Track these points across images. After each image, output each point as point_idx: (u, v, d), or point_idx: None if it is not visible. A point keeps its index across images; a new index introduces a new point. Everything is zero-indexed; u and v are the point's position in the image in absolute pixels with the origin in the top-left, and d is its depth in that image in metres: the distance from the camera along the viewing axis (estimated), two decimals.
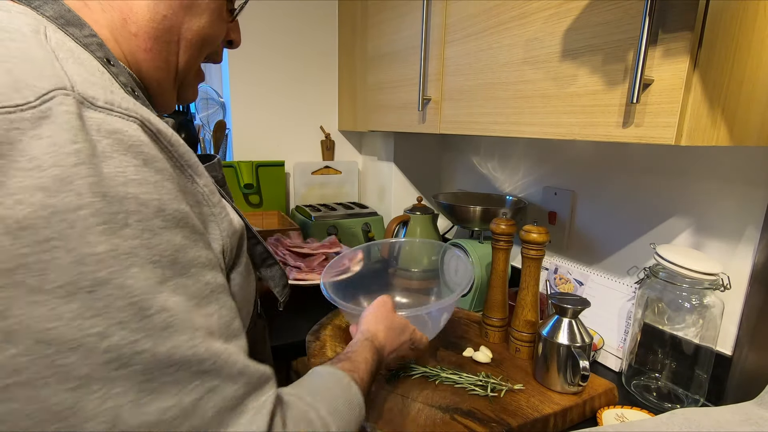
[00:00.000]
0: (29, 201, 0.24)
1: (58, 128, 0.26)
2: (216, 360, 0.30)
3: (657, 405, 0.72)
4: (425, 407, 0.65)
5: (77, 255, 0.25)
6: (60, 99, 0.27)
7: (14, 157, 0.25)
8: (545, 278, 0.99)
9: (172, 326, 0.28)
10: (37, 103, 0.26)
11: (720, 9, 0.47)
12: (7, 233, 0.24)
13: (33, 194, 0.25)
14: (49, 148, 0.26)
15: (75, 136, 0.26)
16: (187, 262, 0.31)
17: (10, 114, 0.25)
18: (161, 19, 0.41)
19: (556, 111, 0.64)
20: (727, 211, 0.73)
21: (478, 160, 1.30)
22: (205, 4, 0.44)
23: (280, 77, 1.42)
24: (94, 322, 0.25)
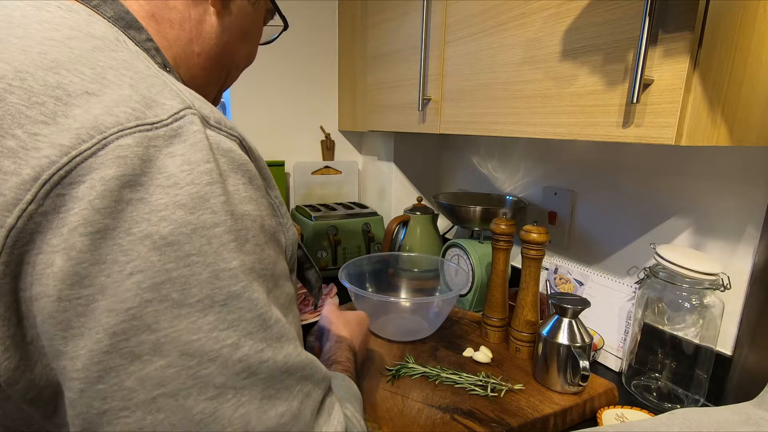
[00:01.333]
0: (172, 218, 0.26)
1: (190, 147, 0.27)
2: (310, 366, 0.32)
3: (657, 405, 0.72)
4: (425, 407, 0.65)
5: (214, 270, 0.27)
6: (190, 118, 0.28)
7: (154, 175, 0.26)
8: (545, 278, 0.99)
9: (284, 336, 0.30)
10: (170, 122, 0.27)
11: (720, 9, 0.47)
12: (155, 249, 0.25)
13: (174, 211, 0.26)
14: (184, 166, 0.27)
15: (207, 155, 0.28)
16: (278, 275, 0.32)
17: (148, 132, 0.26)
18: (223, 45, 0.45)
19: (556, 111, 0.64)
20: (727, 211, 0.73)
21: (478, 160, 1.30)
22: (254, 34, 0.49)
23: (280, 77, 1.42)
24: (228, 333, 0.27)
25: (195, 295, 0.26)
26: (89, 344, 0.24)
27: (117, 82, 0.28)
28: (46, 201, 0.24)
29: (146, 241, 0.25)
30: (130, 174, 0.25)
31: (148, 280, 0.25)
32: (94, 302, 0.24)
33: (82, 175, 0.24)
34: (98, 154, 0.25)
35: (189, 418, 0.26)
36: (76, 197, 0.24)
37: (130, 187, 0.25)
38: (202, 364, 0.26)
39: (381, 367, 0.75)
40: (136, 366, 0.25)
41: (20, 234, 0.24)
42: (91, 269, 0.24)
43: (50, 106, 0.26)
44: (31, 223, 0.24)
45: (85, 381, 0.25)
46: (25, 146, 0.25)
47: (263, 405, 0.28)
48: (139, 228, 0.25)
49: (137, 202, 0.25)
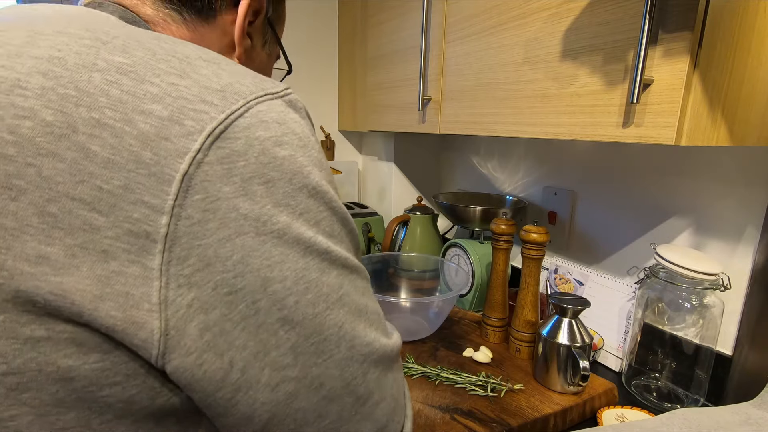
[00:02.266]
0: (314, 173, 0.30)
1: (301, 117, 0.32)
2: None
3: (657, 405, 0.72)
4: (425, 407, 0.65)
5: (342, 214, 0.33)
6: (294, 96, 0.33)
7: (290, 136, 0.29)
8: (545, 278, 0.99)
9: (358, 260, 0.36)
10: (284, 94, 0.31)
11: (720, 9, 0.47)
12: (311, 196, 0.30)
13: (313, 169, 0.30)
14: (305, 130, 0.31)
15: (311, 128, 0.33)
16: None
17: (273, 100, 0.30)
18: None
19: (556, 111, 0.64)
20: (727, 211, 0.73)
21: (478, 160, 1.30)
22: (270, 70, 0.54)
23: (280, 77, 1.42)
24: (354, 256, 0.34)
25: (337, 230, 0.32)
26: (292, 265, 0.29)
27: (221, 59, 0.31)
28: (209, 152, 0.26)
29: (304, 190, 0.29)
30: (275, 135, 0.28)
31: (312, 218, 0.30)
32: (285, 235, 0.28)
33: (237, 132, 0.27)
34: (245, 115, 0.28)
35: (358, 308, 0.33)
36: (237, 151, 0.27)
37: (279, 145, 0.28)
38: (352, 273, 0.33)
39: None
40: (326, 276, 0.30)
41: (191, 180, 0.25)
42: (273, 210, 0.28)
43: (175, 63, 0.28)
44: (200, 171, 0.25)
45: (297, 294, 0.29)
46: (169, 93, 0.26)
47: (374, 300, 0.36)
48: (297, 179, 0.29)
49: (289, 158, 0.29)
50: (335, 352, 0.30)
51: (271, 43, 0.51)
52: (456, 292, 0.83)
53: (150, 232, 0.24)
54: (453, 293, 0.83)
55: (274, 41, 0.52)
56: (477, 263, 1.00)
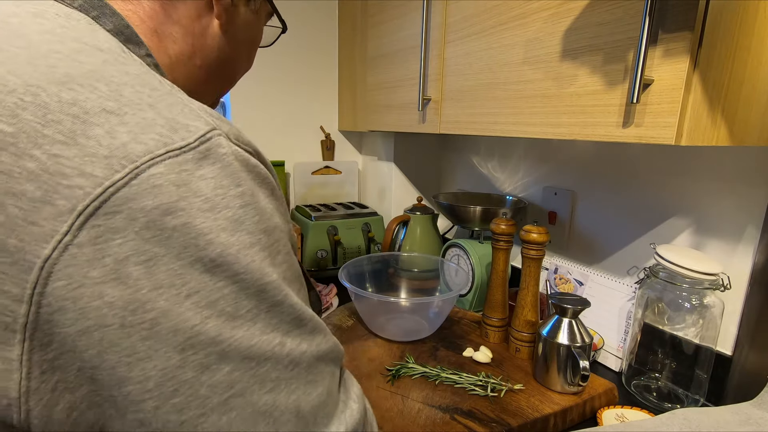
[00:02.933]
0: (217, 241, 0.27)
1: (220, 170, 0.28)
2: (334, 349, 0.35)
3: (657, 405, 0.72)
4: (425, 407, 0.65)
5: (260, 284, 0.28)
6: (217, 140, 0.28)
7: (191, 199, 0.26)
8: (545, 278, 0.99)
9: (315, 329, 0.33)
10: (196, 144, 0.27)
11: (720, 9, 0.47)
12: (206, 271, 0.26)
13: (218, 234, 0.27)
14: (217, 189, 0.27)
15: (237, 177, 0.29)
16: (300, 275, 0.35)
17: (177, 157, 0.26)
18: (225, 59, 0.45)
19: (556, 111, 0.64)
20: (727, 211, 0.73)
21: (478, 160, 1.30)
22: (255, 40, 0.50)
23: (280, 77, 1.42)
24: (274, 335, 0.29)
25: (245, 307, 0.28)
26: (160, 363, 0.25)
27: (136, 100, 0.28)
28: (80, 232, 0.24)
29: (197, 264, 0.26)
30: (168, 202, 0.25)
31: (204, 299, 0.26)
32: (158, 325, 0.25)
33: (118, 205, 0.24)
34: (131, 184, 0.25)
35: (256, 411, 0.28)
36: (114, 228, 0.24)
37: (171, 214, 0.25)
38: (260, 364, 0.28)
39: (381, 367, 0.75)
40: (207, 375, 0.26)
41: (54, 265, 0.24)
42: (150, 295, 0.25)
43: (67, 124, 0.25)
44: (66, 255, 0.24)
45: (159, 398, 0.26)
46: (47, 169, 0.24)
47: (307, 389, 0.31)
48: (188, 253, 0.26)
49: (182, 227, 0.26)
50: None
51: (259, 1, 0.48)
52: (456, 292, 0.83)
53: (9, 323, 0.23)
54: (453, 293, 0.83)
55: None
56: (477, 263, 1.00)
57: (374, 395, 0.68)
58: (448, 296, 0.82)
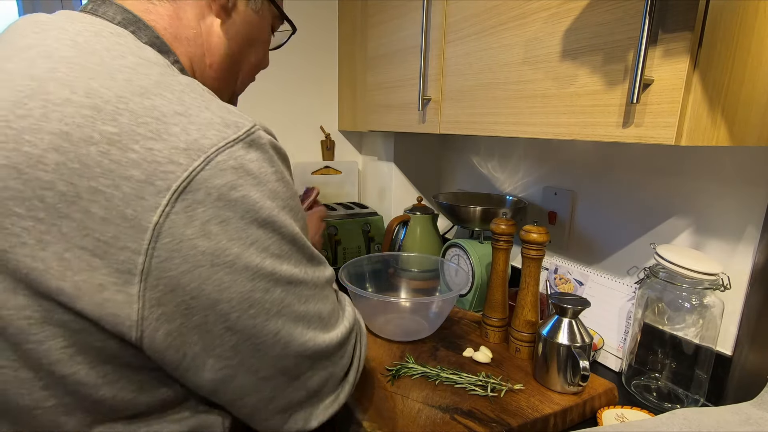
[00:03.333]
0: (265, 206, 0.37)
1: (262, 154, 0.38)
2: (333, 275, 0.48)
3: (657, 405, 0.72)
4: (425, 407, 0.65)
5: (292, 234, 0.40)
6: (259, 133, 0.38)
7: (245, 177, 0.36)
8: (545, 278, 0.99)
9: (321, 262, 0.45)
10: (244, 136, 0.37)
11: (720, 9, 0.47)
12: (260, 227, 0.37)
13: (265, 202, 0.37)
14: (261, 168, 0.37)
15: (272, 160, 0.39)
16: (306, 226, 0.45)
17: (232, 147, 0.36)
18: (231, 55, 0.51)
19: (556, 111, 0.64)
20: (727, 211, 0.73)
21: (478, 160, 1.30)
22: (263, 41, 0.55)
23: (280, 77, 1.42)
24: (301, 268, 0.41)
25: (285, 250, 0.39)
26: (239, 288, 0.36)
27: (195, 104, 0.37)
28: (176, 204, 0.33)
29: (254, 223, 0.37)
30: (231, 180, 0.35)
31: (261, 245, 0.37)
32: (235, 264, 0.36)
33: (199, 184, 0.34)
34: (205, 168, 0.34)
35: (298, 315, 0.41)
36: (198, 200, 0.34)
37: (233, 189, 0.35)
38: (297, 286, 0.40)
39: (381, 367, 0.75)
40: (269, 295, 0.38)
41: (161, 228, 0.33)
42: (227, 244, 0.35)
43: (153, 125, 0.34)
44: (168, 221, 0.33)
45: (240, 310, 0.37)
46: (145, 159, 0.33)
47: (324, 302, 0.43)
48: (249, 215, 0.36)
49: (241, 198, 0.36)
50: (270, 350, 0.39)
51: (261, 1, 0.52)
52: (456, 292, 0.83)
53: (131, 269, 0.33)
54: (453, 293, 0.83)
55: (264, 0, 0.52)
56: (477, 263, 1.00)
57: (374, 395, 0.68)
58: (448, 296, 0.82)
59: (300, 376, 0.42)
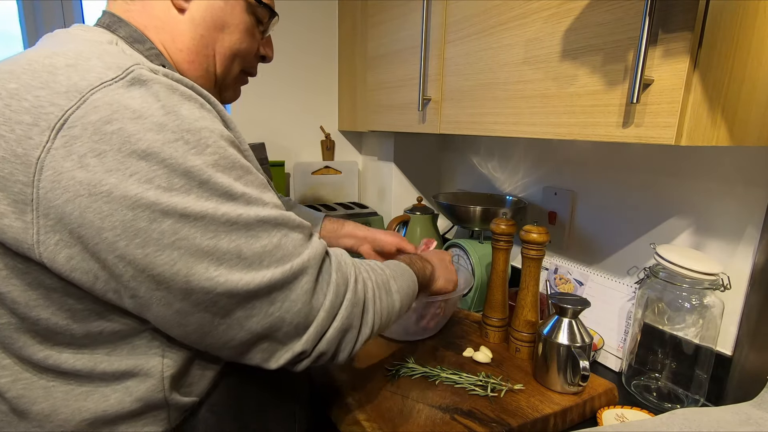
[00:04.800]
0: (145, 137, 0.38)
1: (145, 90, 0.39)
2: (282, 218, 0.45)
3: (657, 405, 0.72)
4: (425, 407, 0.65)
5: (185, 167, 0.39)
6: (138, 71, 0.40)
7: (122, 112, 0.38)
8: (545, 278, 0.99)
9: (252, 201, 0.43)
10: (124, 75, 0.39)
11: (720, 9, 0.47)
12: (141, 158, 0.38)
13: (145, 134, 0.38)
14: (144, 104, 0.39)
15: (157, 95, 0.40)
16: (247, 166, 0.45)
17: (110, 85, 0.39)
18: (199, 38, 0.54)
19: (556, 111, 0.64)
20: (727, 211, 0.73)
21: (478, 160, 1.30)
22: (235, 24, 0.57)
23: (281, 77, 1.42)
24: (209, 203, 0.40)
25: (177, 183, 0.39)
26: (119, 216, 0.37)
27: (89, 56, 0.41)
28: (55, 140, 0.37)
29: (133, 155, 0.38)
30: (105, 115, 0.37)
31: (143, 177, 0.38)
32: (112, 193, 0.37)
33: (74, 121, 0.37)
34: (81, 107, 0.37)
35: (201, 249, 0.40)
36: (75, 136, 0.37)
37: (108, 123, 0.37)
38: (197, 220, 0.39)
39: (381, 367, 0.75)
40: (155, 225, 0.38)
41: (43, 162, 0.36)
42: (104, 176, 0.37)
43: (44, 77, 0.39)
44: (49, 156, 0.36)
45: (126, 238, 0.38)
46: (33, 105, 0.38)
47: (249, 240, 0.42)
48: (125, 147, 0.37)
49: (117, 131, 0.37)
50: (172, 283, 0.39)
51: None
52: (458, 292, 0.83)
53: (24, 199, 0.37)
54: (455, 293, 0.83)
55: None
56: (477, 263, 1.00)
57: (374, 395, 0.68)
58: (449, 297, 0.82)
59: (229, 314, 0.42)
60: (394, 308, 0.56)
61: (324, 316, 0.47)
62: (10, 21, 1.19)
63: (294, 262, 0.45)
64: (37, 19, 1.20)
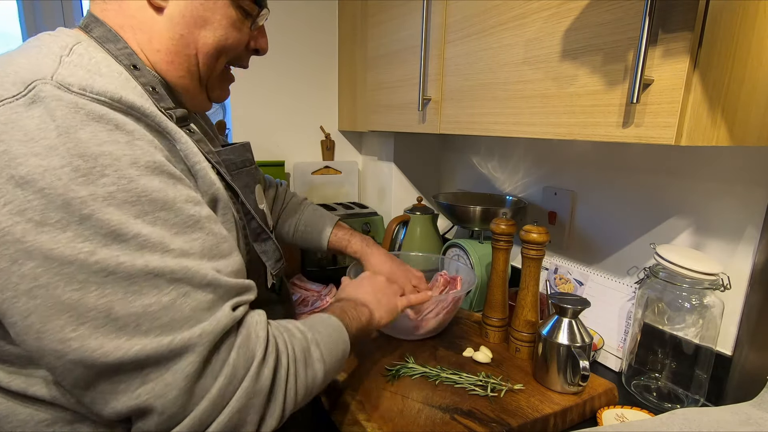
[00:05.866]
0: (27, 163, 0.34)
1: (43, 110, 0.36)
2: (186, 272, 0.39)
3: (657, 405, 0.72)
4: (425, 407, 0.65)
5: (65, 199, 0.35)
6: (40, 87, 0.37)
7: (13, 133, 0.35)
8: (545, 278, 0.99)
9: (145, 246, 0.37)
10: (25, 92, 0.37)
11: (720, 9, 0.47)
12: (17, 186, 0.34)
13: (29, 159, 0.34)
14: (41, 125, 0.35)
15: (53, 114, 0.36)
16: (169, 200, 0.39)
17: (10, 103, 0.36)
18: (179, 38, 0.50)
19: (556, 111, 0.64)
20: (727, 211, 0.73)
21: (478, 160, 1.30)
22: (218, 20, 0.52)
23: (280, 77, 1.42)
24: (84, 244, 0.35)
25: (52, 218, 0.35)
26: None
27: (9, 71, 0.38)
28: None
29: (10, 181, 0.34)
30: None
31: (15, 207, 0.34)
32: None
33: None
34: None
35: (61, 302, 0.35)
36: None
37: None
38: (63, 265, 0.35)
39: (381, 367, 0.75)
40: (16, 267, 0.34)
41: None
42: None
43: None
44: None
45: None
46: None
47: (128, 296, 0.36)
48: (5, 172, 0.34)
49: (1, 153, 0.34)
50: (25, 336, 0.35)
51: None
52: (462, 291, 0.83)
53: None
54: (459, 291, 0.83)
55: None
56: (477, 263, 1.00)
57: (374, 395, 0.68)
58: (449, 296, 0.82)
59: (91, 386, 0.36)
60: (316, 380, 0.48)
61: (207, 407, 0.38)
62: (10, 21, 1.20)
63: (179, 335, 0.37)
64: (37, 19, 1.20)
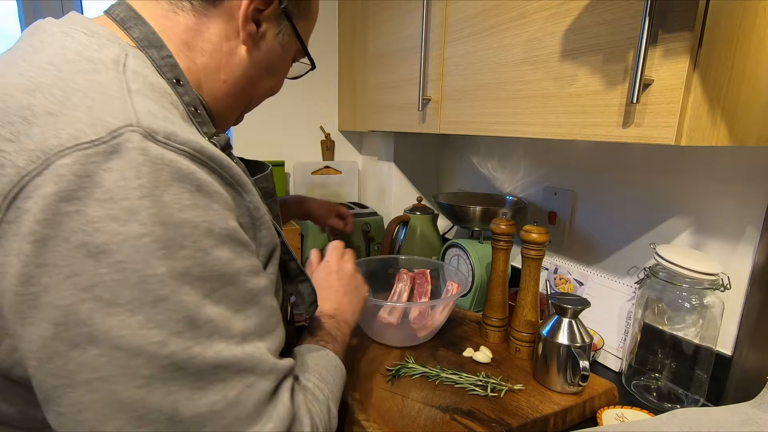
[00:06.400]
0: (105, 229, 0.29)
1: (126, 163, 0.30)
2: (251, 360, 0.35)
3: (657, 405, 0.72)
4: (425, 407, 0.65)
5: (142, 275, 0.30)
6: (128, 135, 0.31)
7: (91, 189, 0.29)
8: (545, 278, 0.99)
9: (215, 333, 0.33)
10: (108, 139, 0.30)
11: (720, 9, 0.47)
12: (89, 256, 0.29)
13: (108, 224, 0.29)
14: (120, 181, 0.30)
15: (139, 171, 0.30)
16: (235, 273, 0.35)
17: (87, 150, 0.30)
18: (248, 78, 0.50)
19: (556, 111, 0.64)
20: (727, 211, 0.73)
21: (478, 160, 1.30)
22: (281, 70, 0.55)
23: None
24: (155, 332, 0.30)
25: (125, 297, 0.30)
26: (38, 331, 0.29)
27: (78, 103, 0.32)
28: (8, 213, 0.29)
29: (81, 249, 0.29)
30: (66, 190, 0.29)
31: (83, 282, 0.29)
32: (40, 298, 0.29)
33: (31, 191, 0.29)
34: (42, 173, 0.29)
35: (120, 400, 0.30)
36: (26, 210, 0.29)
37: (67, 201, 0.29)
38: (130, 357, 0.30)
39: (381, 367, 0.75)
40: (76, 352, 0.29)
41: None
42: (36, 271, 0.29)
43: (17, 125, 0.30)
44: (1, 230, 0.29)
45: (38, 360, 0.30)
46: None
47: (194, 394, 0.32)
48: (75, 237, 0.29)
49: (74, 214, 0.29)
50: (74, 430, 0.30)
51: (288, 36, 0.52)
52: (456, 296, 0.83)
53: None
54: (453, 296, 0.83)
55: (291, 34, 0.53)
56: (477, 263, 1.00)
57: (374, 395, 0.68)
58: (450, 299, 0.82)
59: None
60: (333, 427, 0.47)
61: None
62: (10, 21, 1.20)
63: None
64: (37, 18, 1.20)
